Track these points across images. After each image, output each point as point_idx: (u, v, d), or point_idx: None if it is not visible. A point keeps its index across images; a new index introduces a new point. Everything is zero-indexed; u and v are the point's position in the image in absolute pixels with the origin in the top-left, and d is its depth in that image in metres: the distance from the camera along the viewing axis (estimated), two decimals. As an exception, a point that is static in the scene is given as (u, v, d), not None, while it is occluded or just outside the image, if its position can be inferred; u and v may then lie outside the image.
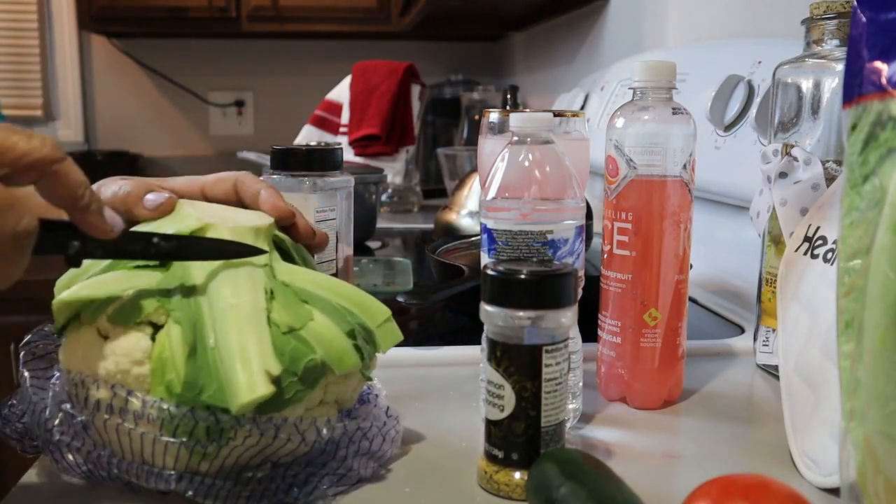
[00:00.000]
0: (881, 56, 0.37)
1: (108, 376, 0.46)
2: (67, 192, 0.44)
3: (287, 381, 0.46)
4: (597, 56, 1.81)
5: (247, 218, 0.55)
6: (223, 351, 0.45)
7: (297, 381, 0.47)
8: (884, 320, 0.34)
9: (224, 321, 0.46)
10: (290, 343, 0.47)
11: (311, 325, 0.49)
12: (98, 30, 2.82)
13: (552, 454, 0.48)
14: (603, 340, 0.65)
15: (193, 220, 0.52)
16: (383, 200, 1.89)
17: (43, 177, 0.44)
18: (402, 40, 2.86)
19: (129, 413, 0.45)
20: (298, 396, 0.47)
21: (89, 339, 0.48)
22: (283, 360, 0.46)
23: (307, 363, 0.47)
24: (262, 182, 0.59)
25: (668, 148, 0.61)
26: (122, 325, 0.47)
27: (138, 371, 0.46)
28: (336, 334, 0.50)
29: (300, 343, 0.48)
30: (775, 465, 0.54)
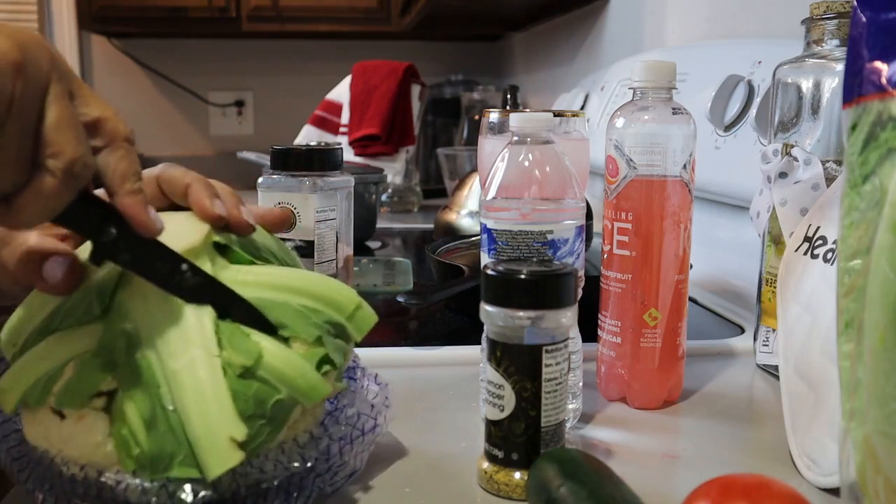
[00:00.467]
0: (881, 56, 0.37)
1: (73, 460, 0.44)
2: (125, 171, 0.43)
3: (257, 425, 0.43)
4: (597, 56, 1.81)
5: (177, 234, 0.48)
6: (184, 418, 0.43)
7: (266, 424, 0.44)
8: (884, 320, 0.34)
9: (179, 385, 0.43)
10: (251, 386, 0.44)
11: (268, 361, 0.45)
12: (98, 30, 2.82)
13: (552, 454, 0.48)
14: (603, 340, 0.65)
15: None
16: (383, 200, 1.89)
17: (110, 147, 0.42)
18: (402, 40, 2.86)
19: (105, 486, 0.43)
20: (271, 437, 0.44)
21: (45, 419, 0.45)
22: (248, 406, 0.43)
23: (274, 403, 0.44)
24: (188, 174, 0.52)
25: (668, 148, 0.61)
26: (72, 408, 0.44)
27: (103, 451, 0.43)
28: (300, 368, 0.46)
29: (261, 384, 0.44)
30: (775, 465, 0.54)
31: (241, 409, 0.43)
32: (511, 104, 1.83)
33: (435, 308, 0.90)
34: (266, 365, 0.45)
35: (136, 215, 0.44)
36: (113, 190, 0.43)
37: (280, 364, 0.45)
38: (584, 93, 1.63)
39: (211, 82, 3.03)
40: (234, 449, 0.42)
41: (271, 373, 0.45)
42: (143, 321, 0.46)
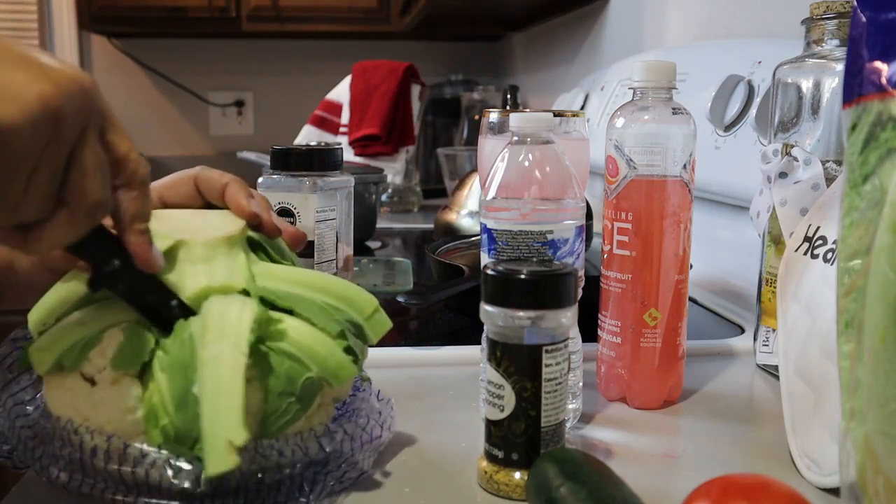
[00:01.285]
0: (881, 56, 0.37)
1: (100, 427, 0.45)
2: (136, 211, 0.45)
3: (286, 403, 0.46)
4: (597, 56, 1.81)
5: (217, 225, 0.53)
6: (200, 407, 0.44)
7: (296, 401, 0.46)
8: (884, 320, 0.34)
9: (202, 375, 0.44)
10: (284, 363, 0.46)
11: (302, 341, 0.48)
12: (98, 30, 2.82)
13: (552, 454, 0.48)
14: (603, 340, 0.65)
15: (163, 240, 0.49)
16: (383, 200, 1.89)
17: (127, 186, 0.45)
18: (402, 40, 2.86)
19: (128, 458, 0.44)
20: (298, 416, 0.47)
21: (75, 386, 0.46)
22: (280, 382, 0.46)
23: (304, 381, 0.47)
24: (225, 175, 0.56)
25: (668, 148, 0.61)
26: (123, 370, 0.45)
27: (132, 418, 0.45)
28: (330, 348, 0.48)
29: (294, 362, 0.47)
30: (775, 465, 0.54)
31: (272, 386, 0.45)
32: (511, 104, 1.83)
33: (435, 308, 0.90)
34: (298, 343, 0.47)
35: (141, 253, 0.46)
36: (123, 227, 0.46)
37: (311, 343, 0.47)
38: (584, 93, 1.63)
39: (211, 82, 3.03)
40: (231, 453, 0.42)
41: (303, 351, 0.47)
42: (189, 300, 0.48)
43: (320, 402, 0.50)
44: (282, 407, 0.46)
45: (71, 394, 0.46)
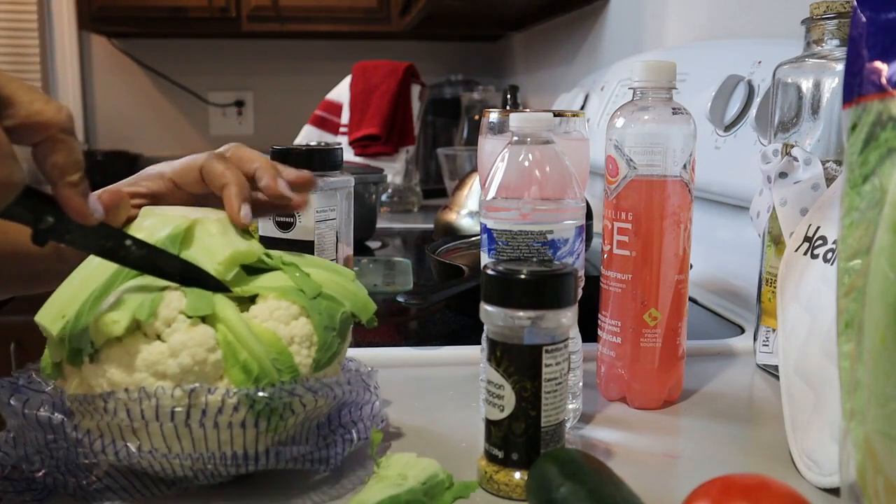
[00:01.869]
0: (881, 56, 0.37)
1: (182, 372, 0.46)
2: (63, 164, 0.44)
3: (330, 337, 0.50)
4: (597, 56, 1.81)
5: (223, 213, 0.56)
6: None
7: (337, 335, 0.51)
8: (884, 320, 0.34)
9: None
10: (321, 303, 0.51)
11: (330, 284, 0.52)
12: (98, 30, 2.82)
13: (552, 454, 0.48)
14: (603, 340, 0.65)
15: (180, 220, 0.52)
16: (383, 200, 1.89)
17: (46, 141, 0.43)
18: (402, 40, 2.86)
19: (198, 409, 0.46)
20: (339, 350, 0.51)
21: (141, 346, 0.47)
22: (323, 318, 0.50)
23: (341, 316, 0.51)
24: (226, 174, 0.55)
25: (668, 148, 0.61)
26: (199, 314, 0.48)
27: (214, 358, 0.47)
28: (354, 287, 0.54)
29: (329, 301, 0.51)
30: (775, 465, 0.54)
31: (317, 322, 0.50)
32: (511, 104, 1.83)
33: (435, 308, 0.90)
34: (330, 286, 0.52)
35: (73, 207, 0.45)
36: (52, 182, 0.45)
37: (339, 285, 0.53)
38: (584, 93, 1.63)
39: (211, 82, 3.03)
40: None
41: (335, 290, 0.52)
42: None
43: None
44: (328, 340, 0.50)
45: (142, 354, 0.46)
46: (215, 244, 0.52)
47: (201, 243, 0.52)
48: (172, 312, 0.47)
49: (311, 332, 0.50)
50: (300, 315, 0.50)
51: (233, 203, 0.54)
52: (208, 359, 0.46)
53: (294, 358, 0.48)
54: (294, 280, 0.52)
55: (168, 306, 0.47)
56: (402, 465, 0.50)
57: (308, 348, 0.49)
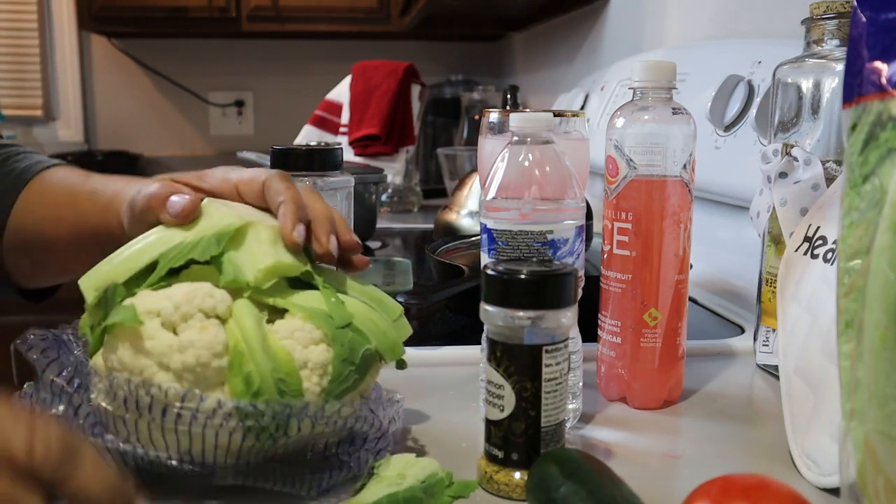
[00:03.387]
0: (881, 56, 0.37)
1: (184, 370, 0.46)
2: None
3: (346, 371, 0.49)
4: (597, 56, 1.81)
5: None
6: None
7: (355, 371, 0.50)
8: (884, 320, 0.34)
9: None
10: (347, 335, 0.50)
11: (363, 317, 0.52)
12: (98, 30, 2.82)
13: (552, 454, 0.48)
14: (603, 340, 0.65)
15: (234, 220, 0.53)
16: (383, 200, 1.89)
17: None
18: (402, 40, 2.86)
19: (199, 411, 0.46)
20: (355, 385, 0.50)
21: (157, 334, 0.47)
22: (343, 351, 0.49)
23: (364, 353, 0.50)
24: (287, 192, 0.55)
25: (668, 148, 0.61)
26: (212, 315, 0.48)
27: (218, 364, 0.46)
28: (386, 326, 0.53)
29: (356, 334, 0.50)
30: (775, 465, 0.54)
31: (337, 353, 0.49)
32: (511, 104, 1.83)
33: (435, 308, 0.90)
34: (361, 320, 0.51)
35: None
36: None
37: (371, 320, 0.52)
38: (584, 93, 1.63)
39: (211, 82, 3.03)
40: None
41: (364, 326, 0.51)
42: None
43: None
44: (344, 373, 0.49)
45: (153, 342, 0.47)
46: (261, 251, 0.52)
47: (248, 247, 0.52)
48: (192, 309, 0.47)
49: (328, 362, 0.49)
50: (321, 341, 0.49)
51: (287, 220, 0.54)
52: (212, 363, 0.46)
53: (303, 382, 0.48)
54: (328, 304, 0.51)
55: (190, 302, 0.47)
56: (401, 465, 0.50)
57: (320, 376, 0.49)
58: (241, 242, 0.52)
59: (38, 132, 2.95)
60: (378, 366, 0.53)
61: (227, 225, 0.52)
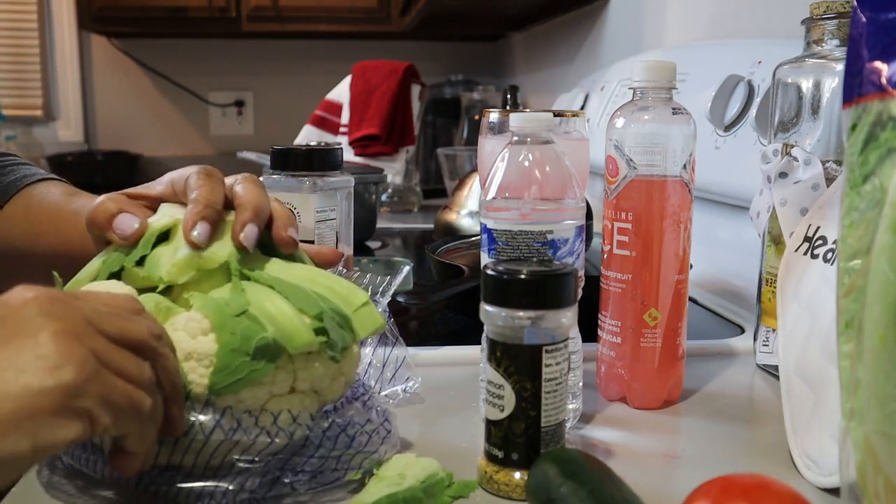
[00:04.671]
0: (881, 56, 0.37)
1: None
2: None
3: (238, 361, 0.46)
4: (597, 56, 1.81)
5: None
6: None
7: (250, 361, 0.46)
8: (884, 320, 0.34)
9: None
10: (241, 322, 0.47)
11: (264, 305, 0.49)
12: (98, 30, 2.82)
13: (552, 454, 0.48)
14: (603, 340, 0.65)
15: (166, 218, 0.54)
16: (383, 200, 1.89)
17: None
18: (402, 40, 2.86)
19: None
20: (252, 376, 0.46)
21: None
22: (235, 340, 0.46)
23: (258, 341, 0.47)
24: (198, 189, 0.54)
25: (668, 148, 0.61)
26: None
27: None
28: (288, 312, 0.48)
29: (251, 322, 0.47)
30: (775, 465, 0.54)
31: (224, 342, 0.46)
32: (511, 104, 1.83)
33: (435, 308, 0.90)
34: (260, 308, 0.48)
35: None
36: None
37: (271, 308, 0.48)
38: (584, 93, 1.63)
39: (211, 82, 3.03)
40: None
41: (262, 313, 0.48)
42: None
43: (293, 388, 0.49)
44: (233, 364, 0.46)
45: None
46: (181, 246, 0.52)
47: (175, 244, 0.52)
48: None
49: (213, 352, 0.47)
50: (210, 331, 0.47)
51: (188, 219, 0.52)
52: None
53: (188, 374, 0.46)
54: (230, 293, 0.49)
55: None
56: (401, 465, 0.49)
57: (206, 367, 0.46)
58: (171, 240, 0.53)
59: (38, 132, 2.95)
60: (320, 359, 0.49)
61: (161, 226, 0.54)
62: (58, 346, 0.38)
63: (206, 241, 0.52)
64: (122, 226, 0.54)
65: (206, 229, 0.52)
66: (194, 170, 0.56)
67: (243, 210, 0.54)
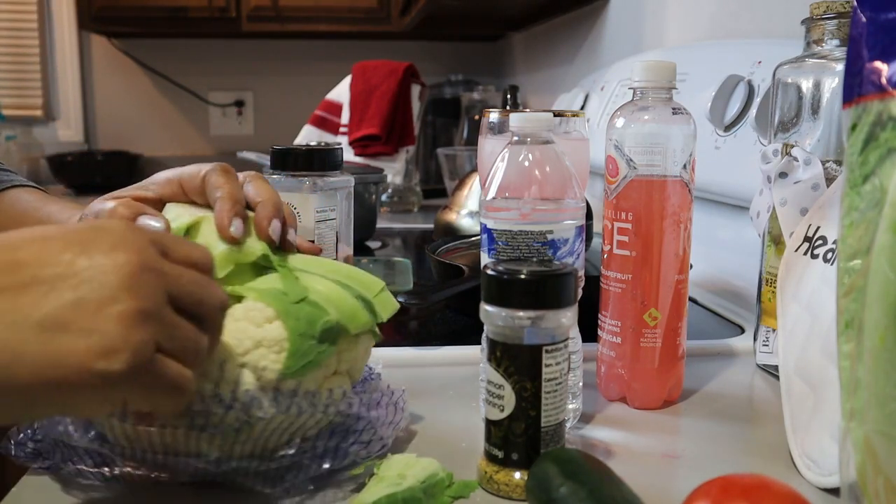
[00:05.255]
0: (881, 56, 0.37)
1: None
2: None
3: (306, 345, 0.48)
4: (597, 56, 1.81)
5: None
6: None
7: (317, 343, 0.49)
8: (884, 320, 0.34)
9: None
10: (303, 309, 0.49)
11: (319, 291, 0.51)
12: (98, 30, 2.82)
13: (552, 454, 0.48)
14: (603, 340, 0.65)
15: (185, 217, 0.54)
16: (383, 200, 1.89)
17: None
18: (402, 40, 2.86)
19: None
20: (319, 359, 0.49)
21: None
22: (301, 325, 0.48)
23: (323, 324, 0.49)
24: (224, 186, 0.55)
25: (668, 148, 0.61)
26: None
27: None
28: (344, 296, 0.52)
29: (312, 307, 0.50)
30: (775, 465, 0.54)
31: (292, 327, 0.48)
32: (511, 104, 1.83)
33: (435, 308, 0.90)
34: (317, 293, 0.51)
35: None
36: None
37: (328, 293, 0.51)
38: (584, 93, 1.63)
39: (211, 82, 3.03)
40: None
41: (321, 298, 0.51)
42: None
43: (336, 370, 0.52)
44: (303, 347, 0.48)
45: None
46: (215, 241, 0.53)
47: (203, 238, 0.53)
48: None
49: (284, 337, 0.48)
50: (275, 318, 0.49)
51: (223, 216, 0.54)
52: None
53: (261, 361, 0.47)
54: (283, 282, 0.51)
55: None
56: (402, 465, 0.50)
57: (277, 353, 0.48)
58: (195, 237, 0.53)
59: (38, 132, 2.95)
60: (360, 341, 0.53)
61: (185, 224, 0.54)
62: (120, 329, 0.37)
63: (242, 237, 0.53)
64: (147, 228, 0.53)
65: (241, 225, 0.54)
66: (209, 167, 0.57)
67: (265, 206, 0.55)
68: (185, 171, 0.59)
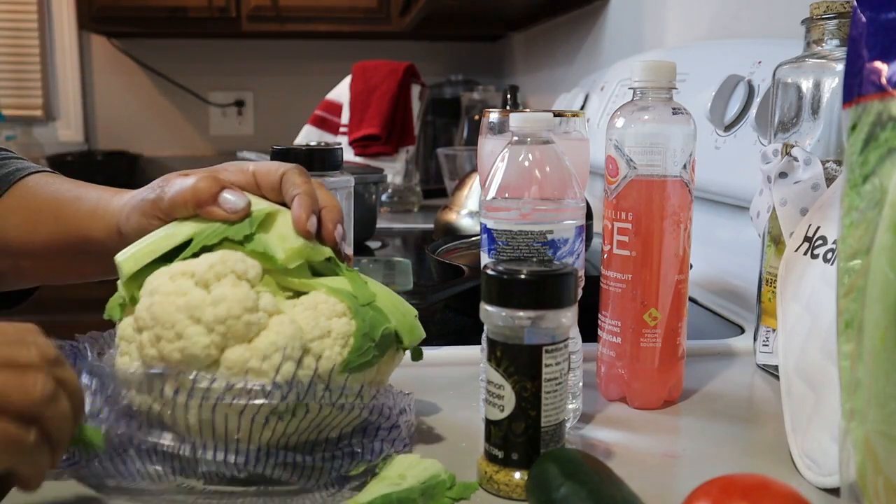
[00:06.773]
0: (881, 56, 0.37)
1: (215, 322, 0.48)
2: None
3: (367, 345, 0.51)
4: (597, 56, 1.81)
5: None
6: None
7: (374, 347, 0.51)
8: (884, 320, 0.34)
9: None
10: (368, 312, 0.52)
11: (383, 300, 0.54)
12: (98, 30, 2.82)
13: (552, 454, 0.48)
14: (603, 340, 0.65)
15: (263, 204, 0.56)
16: (383, 200, 1.89)
17: None
18: (402, 40, 2.86)
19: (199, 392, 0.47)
20: (373, 362, 0.51)
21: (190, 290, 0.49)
22: (365, 326, 0.51)
23: (384, 331, 0.52)
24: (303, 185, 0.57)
25: (668, 148, 0.61)
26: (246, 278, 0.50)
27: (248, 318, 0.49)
28: (404, 309, 0.55)
29: (377, 313, 0.53)
30: (775, 465, 0.54)
31: (359, 326, 0.51)
32: (511, 104, 1.83)
33: (435, 308, 0.90)
34: (382, 301, 0.54)
35: None
36: None
37: (392, 303, 0.55)
38: (584, 93, 1.63)
39: (211, 82, 3.03)
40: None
41: (385, 306, 0.54)
42: None
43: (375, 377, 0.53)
44: (364, 347, 0.51)
45: (185, 298, 0.48)
46: (290, 234, 0.54)
47: (279, 230, 0.54)
48: (225, 269, 0.49)
49: (350, 333, 0.51)
50: (344, 314, 0.51)
51: (302, 211, 0.55)
52: (242, 317, 0.48)
53: (325, 351, 0.49)
54: (352, 285, 0.54)
55: (224, 263, 0.50)
56: (404, 465, 0.50)
57: (342, 346, 0.50)
58: (270, 227, 0.55)
59: (38, 132, 2.95)
60: (396, 354, 0.55)
61: (258, 210, 0.55)
62: None
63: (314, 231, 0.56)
64: (232, 201, 0.55)
65: (316, 222, 0.56)
66: (289, 166, 0.59)
67: (331, 211, 0.58)
68: (262, 166, 0.60)
